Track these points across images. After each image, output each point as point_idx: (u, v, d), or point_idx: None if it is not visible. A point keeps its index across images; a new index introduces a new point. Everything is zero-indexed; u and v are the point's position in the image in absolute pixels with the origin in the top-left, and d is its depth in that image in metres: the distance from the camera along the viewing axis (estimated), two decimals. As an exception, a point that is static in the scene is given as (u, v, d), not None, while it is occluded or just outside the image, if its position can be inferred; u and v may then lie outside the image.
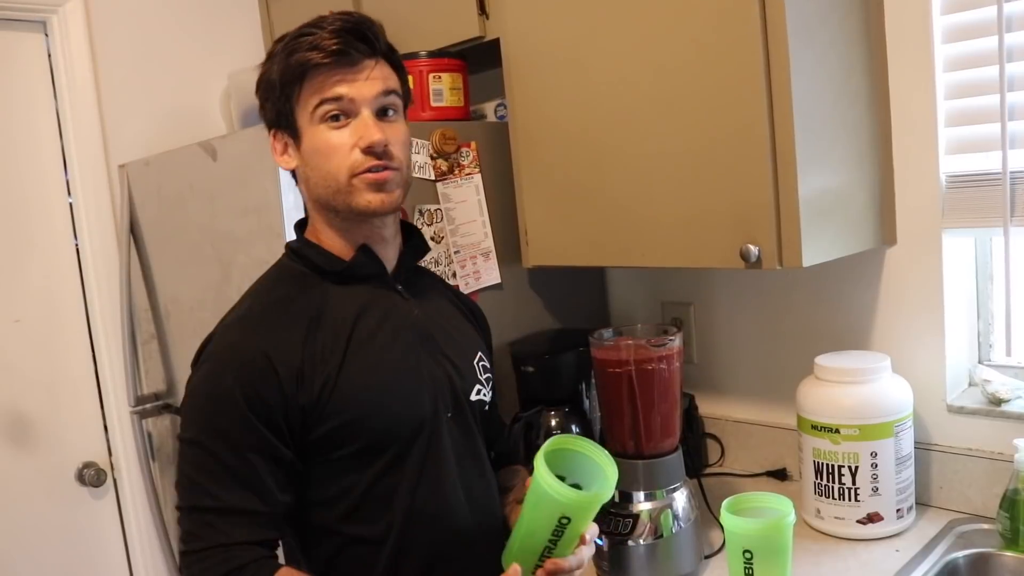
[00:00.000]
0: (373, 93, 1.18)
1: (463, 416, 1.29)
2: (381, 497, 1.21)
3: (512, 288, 1.89)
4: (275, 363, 1.15)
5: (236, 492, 1.14)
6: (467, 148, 1.79)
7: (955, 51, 1.55)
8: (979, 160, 1.56)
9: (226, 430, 1.15)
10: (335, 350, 1.19)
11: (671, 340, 1.47)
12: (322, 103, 1.17)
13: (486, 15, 1.81)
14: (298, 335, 1.18)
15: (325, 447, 1.19)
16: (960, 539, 1.52)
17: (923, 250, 1.62)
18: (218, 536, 1.14)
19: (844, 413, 1.52)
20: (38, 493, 2.13)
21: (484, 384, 1.35)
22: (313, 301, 1.22)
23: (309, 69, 1.16)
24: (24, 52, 2.13)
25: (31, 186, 2.13)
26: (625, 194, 1.60)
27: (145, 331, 2.21)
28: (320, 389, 1.16)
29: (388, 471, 1.21)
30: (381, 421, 1.20)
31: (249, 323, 1.21)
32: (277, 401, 1.15)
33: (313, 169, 1.20)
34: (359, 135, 1.17)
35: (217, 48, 2.39)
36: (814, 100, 1.41)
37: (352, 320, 1.22)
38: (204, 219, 1.87)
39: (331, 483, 1.21)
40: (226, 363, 1.17)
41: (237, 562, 1.13)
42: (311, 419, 1.17)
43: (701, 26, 1.43)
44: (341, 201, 1.20)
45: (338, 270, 1.24)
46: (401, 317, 1.26)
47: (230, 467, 1.14)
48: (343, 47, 1.15)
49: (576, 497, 1.12)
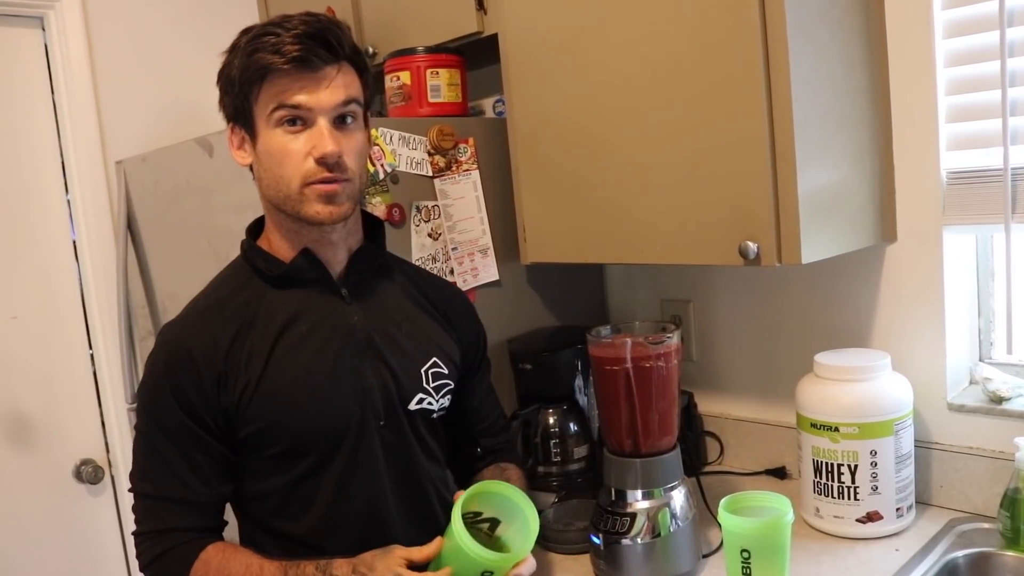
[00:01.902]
0: (332, 103, 1.18)
1: (398, 425, 1.29)
2: (302, 499, 1.25)
3: (510, 285, 1.88)
4: (199, 364, 1.19)
5: (170, 481, 1.21)
6: (465, 144, 1.78)
7: (956, 46, 1.53)
8: (980, 156, 1.55)
9: (159, 421, 1.21)
10: (260, 354, 1.22)
11: (669, 337, 1.46)
12: (279, 107, 1.17)
13: (484, 10, 1.80)
14: (225, 339, 1.21)
15: (251, 446, 1.23)
16: (960, 538, 1.51)
17: (923, 247, 1.60)
18: (155, 522, 1.22)
19: (843, 411, 1.51)
20: (36, 490, 2.13)
21: (431, 393, 1.33)
22: (249, 305, 1.25)
23: (269, 72, 1.16)
24: (22, 48, 2.12)
25: (28, 182, 2.13)
26: (624, 191, 1.59)
27: (142, 327, 2.21)
28: (240, 393, 1.20)
29: (310, 474, 1.24)
30: (299, 427, 1.22)
31: (187, 321, 1.26)
32: (200, 399, 1.19)
33: (266, 171, 1.21)
34: (313, 144, 1.17)
35: (215, 44, 2.36)
36: (814, 96, 1.40)
37: (281, 325, 1.24)
38: (201, 215, 1.86)
39: (260, 479, 1.25)
40: (161, 359, 1.22)
41: (165, 546, 1.20)
42: (235, 420, 1.21)
43: (700, 21, 1.42)
44: (291, 207, 1.21)
45: (277, 274, 1.26)
46: (337, 323, 1.26)
47: (165, 457, 1.21)
48: (304, 54, 1.15)
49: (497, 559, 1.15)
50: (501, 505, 1.26)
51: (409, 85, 1.81)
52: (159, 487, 1.21)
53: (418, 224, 1.70)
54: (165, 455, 1.20)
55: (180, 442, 1.20)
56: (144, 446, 1.23)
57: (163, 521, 1.21)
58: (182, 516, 1.21)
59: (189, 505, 1.21)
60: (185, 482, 1.20)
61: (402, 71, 1.82)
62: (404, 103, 1.82)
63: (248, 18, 2.43)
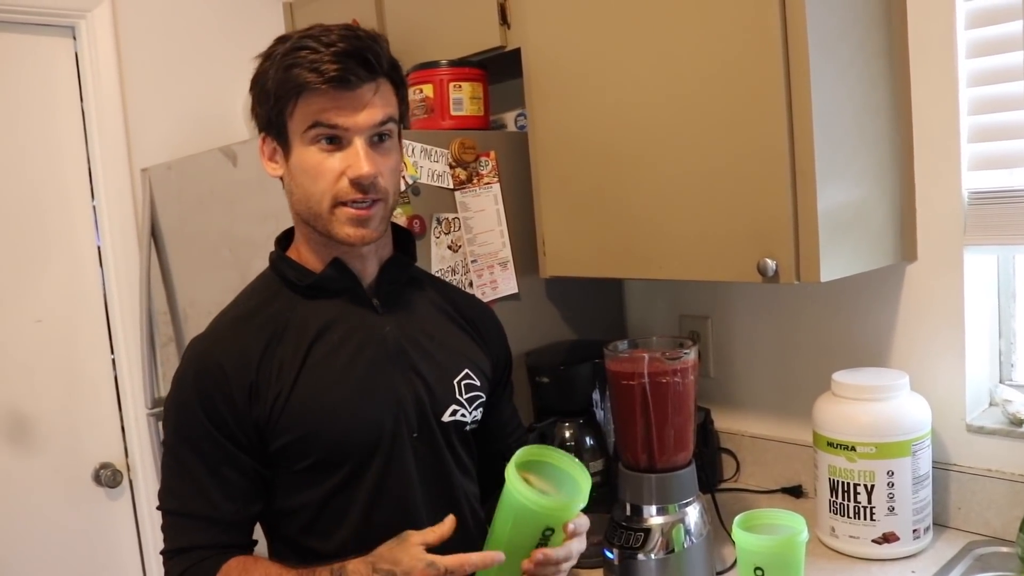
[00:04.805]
0: (369, 123, 1.16)
1: (432, 437, 1.27)
2: (335, 513, 1.22)
3: (529, 298, 1.89)
4: (229, 376, 1.17)
5: (196, 497, 1.18)
6: (486, 157, 1.79)
7: (979, 66, 1.53)
8: (1003, 177, 1.54)
9: (188, 437, 1.19)
10: (292, 365, 1.20)
11: (686, 353, 1.46)
12: (315, 126, 1.15)
13: (508, 25, 1.81)
14: (256, 350, 1.19)
15: (283, 459, 1.20)
16: (978, 562, 1.50)
17: (944, 267, 1.60)
18: (180, 540, 1.19)
19: (861, 430, 1.50)
20: (55, 492, 2.16)
21: (464, 404, 1.31)
22: (280, 315, 1.23)
23: (305, 90, 1.14)
24: (54, 56, 2.16)
25: (56, 187, 2.17)
26: (643, 205, 1.59)
27: (163, 334, 2.23)
28: (272, 404, 1.18)
29: (343, 488, 1.22)
30: (333, 438, 1.20)
31: (216, 334, 1.24)
32: (230, 413, 1.17)
33: (298, 186, 1.20)
34: (348, 164, 1.16)
35: (241, 54, 2.40)
36: (834, 114, 1.40)
37: (313, 335, 1.22)
38: (223, 224, 1.88)
39: (292, 495, 1.23)
40: (190, 372, 1.20)
41: (188, 563, 1.17)
42: (266, 433, 1.19)
43: (722, 39, 1.43)
44: (321, 226, 1.20)
45: (307, 284, 1.25)
46: (369, 333, 1.25)
47: (192, 473, 1.18)
48: (342, 74, 1.12)
49: (557, 504, 1.11)
50: (549, 475, 1.21)
51: (432, 98, 1.83)
52: (185, 504, 1.19)
53: (438, 236, 1.72)
54: (192, 471, 1.18)
55: (208, 458, 1.18)
56: (171, 462, 1.21)
57: (188, 539, 1.19)
58: (207, 533, 1.18)
59: (215, 522, 1.18)
60: (210, 499, 1.18)
61: (425, 84, 1.84)
62: (426, 116, 1.84)
63: (275, 30, 2.45)
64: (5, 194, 2.08)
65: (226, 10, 2.41)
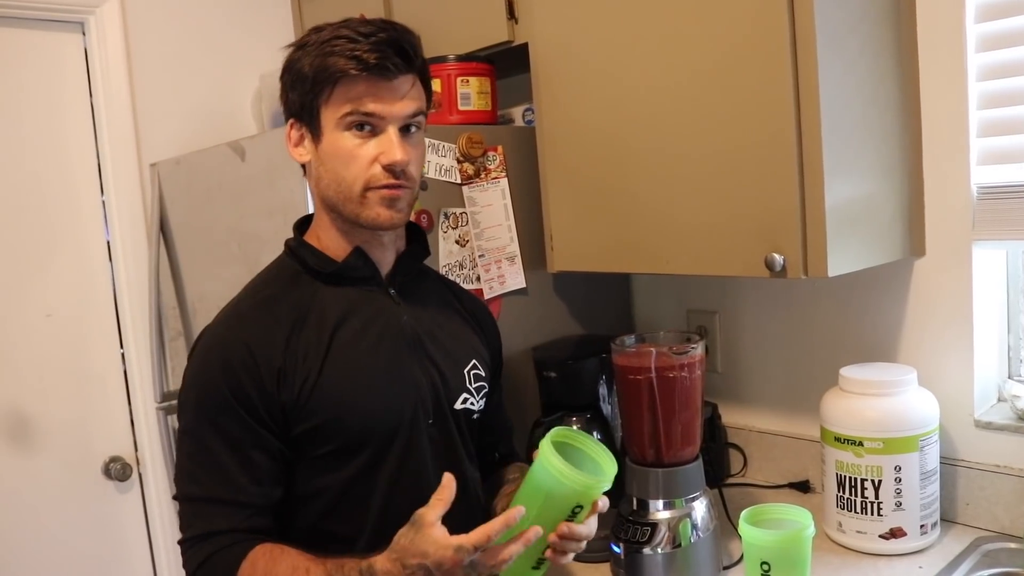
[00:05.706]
0: (403, 113, 1.20)
1: (445, 424, 1.30)
2: (356, 498, 1.23)
3: (536, 293, 1.89)
4: (257, 359, 1.17)
5: (220, 481, 1.17)
6: (494, 152, 1.80)
7: (988, 60, 1.52)
8: (1012, 171, 1.53)
9: (214, 420, 1.18)
10: (317, 350, 1.21)
11: (693, 348, 1.46)
12: (352, 113, 1.18)
13: (515, 20, 1.81)
14: (281, 334, 1.20)
15: (305, 444, 1.21)
16: (986, 558, 1.49)
17: (953, 262, 1.59)
18: (202, 525, 1.18)
19: (868, 426, 1.50)
20: (65, 485, 2.17)
21: (473, 393, 1.34)
22: (302, 301, 1.24)
23: (343, 77, 1.16)
24: (63, 52, 2.17)
25: (65, 183, 2.17)
26: (651, 200, 1.59)
27: (172, 328, 2.24)
28: (300, 388, 1.19)
29: (364, 473, 1.23)
30: (357, 423, 1.21)
31: (237, 319, 1.24)
32: (259, 395, 1.17)
33: (328, 171, 1.22)
34: (382, 150, 1.19)
35: (249, 50, 2.42)
36: (842, 108, 1.40)
37: (336, 321, 1.23)
38: (232, 218, 1.89)
39: (311, 480, 1.23)
40: (214, 356, 1.20)
41: (211, 549, 1.16)
42: (292, 416, 1.19)
43: (730, 33, 1.42)
44: (350, 210, 1.22)
45: (329, 271, 1.26)
46: (389, 321, 1.27)
47: (216, 456, 1.17)
48: (381, 61, 1.16)
49: (593, 483, 1.12)
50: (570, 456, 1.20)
51: (439, 93, 1.83)
52: (207, 488, 1.17)
53: (446, 231, 1.72)
54: (216, 454, 1.17)
55: (235, 440, 1.17)
56: (192, 448, 1.19)
57: (210, 523, 1.16)
58: (231, 517, 1.16)
59: (242, 506, 1.17)
60: (236, 482, 1.16)
61: (433, 79, 1.83)
62: (434, 110, 1.83)
63: (283, 28, 2.47)
64: (14, 189, 2.09)
65: (235, 5, 2.41)
